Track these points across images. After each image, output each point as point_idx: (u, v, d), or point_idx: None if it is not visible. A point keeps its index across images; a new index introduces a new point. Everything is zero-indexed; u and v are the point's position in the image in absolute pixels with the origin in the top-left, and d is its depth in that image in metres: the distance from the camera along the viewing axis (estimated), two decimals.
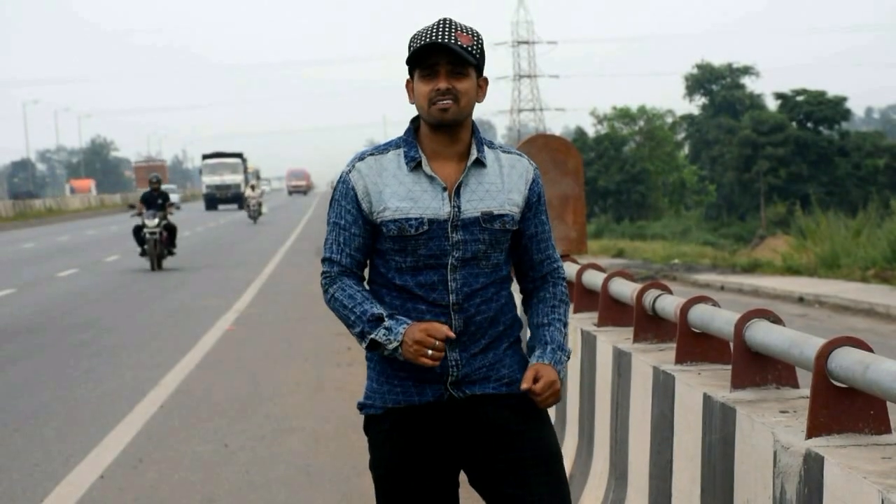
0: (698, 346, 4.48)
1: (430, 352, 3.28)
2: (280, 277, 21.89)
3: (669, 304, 4.79)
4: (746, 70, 70.51)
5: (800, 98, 58.51)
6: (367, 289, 3.44)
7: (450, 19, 3.35)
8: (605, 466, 5.33)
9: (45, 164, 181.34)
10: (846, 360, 3.13)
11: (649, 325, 5.13)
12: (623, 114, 63.73)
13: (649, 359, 4.68)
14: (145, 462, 7.58)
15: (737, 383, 3.88)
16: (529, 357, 3.45)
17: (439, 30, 3.32)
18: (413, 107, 3.42)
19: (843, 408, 3.23)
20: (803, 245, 26.28)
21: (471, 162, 3.39)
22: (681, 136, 68.79)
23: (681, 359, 4.47)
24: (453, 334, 3.33)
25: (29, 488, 7.03)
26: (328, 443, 8.01)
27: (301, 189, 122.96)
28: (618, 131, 62.76)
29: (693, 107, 70.76)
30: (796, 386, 3.89)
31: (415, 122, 3.46)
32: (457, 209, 3.36)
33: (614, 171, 59.71)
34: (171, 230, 24.28)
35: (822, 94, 58.37)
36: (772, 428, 3.35)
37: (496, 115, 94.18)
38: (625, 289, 5.57)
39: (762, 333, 3.72)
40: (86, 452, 7.87)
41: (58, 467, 7.50)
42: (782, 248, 29.61)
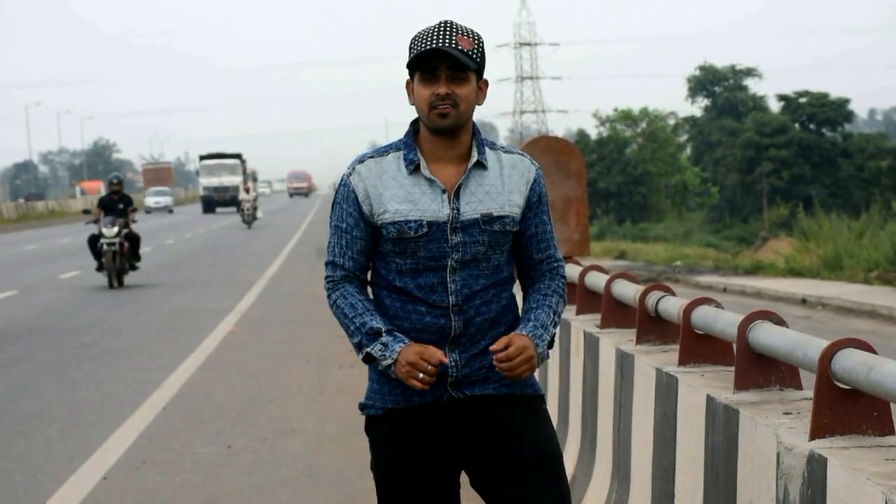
0: (701, 347, 4.47)
1: (421, 375, 3.29)
2: (282, 280, 21.89)
3: (672, 306, 4.79)
4: (749, 72, 70.48)
5: (803, 100, 58.47)
6: (369, 297, 3.44)
7: (451, 22, 3.34)
8: (607, 468, 5.32)
9: (48, 166, 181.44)
10: (850, 362, 3.13)
11: (652, 327, 5.13)
12: (625, 116, 63.71)
13: (652, 360, 4.67)
14: (148, 464, 7.58)
15: (740, 385, 3.87)
16: None
17: (440, 33, 3.31)
18: (413, 108, 3.42)
19: (847, 409, 3.22)
20: (806, 247, 26.27)
21: (471, 164, 3.39)
22: (683, 137, 68.76)
23: (684, 360, 4.47)
24: (447, 360, 3.34)
25: (31, 490, 7.03)
26: (330, 444, 8.01)
27: (302, 191, 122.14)
28: (620, 133, 62.76)
29: (696, 109, 70.77)
30: (800, 387, 3.89)
31: (414, 124, 3.46)
32: (456, 211, 3.36)
33: (616, 173, 59.69)
34: (133, 240, 21.01)
35: (825, 95, 58.34)
36: (775, 429, 3.34)
37: (498, 117, 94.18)
38: (628, 290, 5.56)
39: (765, 335, 3.72)
40: (88, 454, 7.87)
41: (60, 469, 7.50)
42: (785, 249, 29.60)
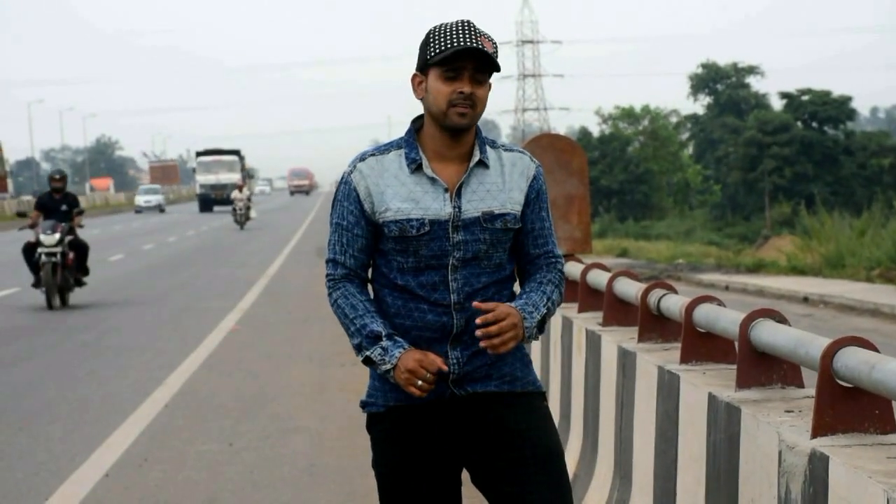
0: (703, 345, 4.47)
1: (419, 382, 3.29)
2: (283, 280, 21.87)
3: (674, 304, 4.79)
4: (751, 70, 70.47)
5: (805, 98, 58.48)
6: (370, 297, 3.44)
7: (472, 22, 3.34)
8: (609, 466, 5.32)
9: (50, 164, 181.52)
10: (851, 360, 3.13)
11: (654, 325, 5.13)
12: (627, 113, 63.72)
13: (654, 358, 4.67)
14: (150, 461, 7.58)
15: (742, 383, 3.87)
16: None
17: (468, 32, 3.31)
18: (411, 106, 3.41)
19: (849, 407, 3.22)
20: (808, 245, 26.25)
21: (473, 163, 3.39)
22: (685, 135, 68.77)
23: (686, 358, 4.47)
24: (447, 367, 3.34)
25: (34, 487, 7.03)
26: (332, 442, 8.01)
27: (304, 189, 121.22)
28: (622, 131, 62.75)
29: (698, 106, 70.78)
30: (801, 386, 3.89)
31: (415, 122, 3.45)
32: (457, 210, 3.36)
33: (618, 171, 59.69)
34: (79, 250, 17.05)
35: (827, 93, 58.33)
36: (777, 427, 3.34)
37: (500, 115, 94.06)
38: (629, 288, 5.55)
39: (767, 333, 3.72)
40: (90, 451, 7.87)
41: (63, 466, 7.50)
42: (787, 247, 29.59)
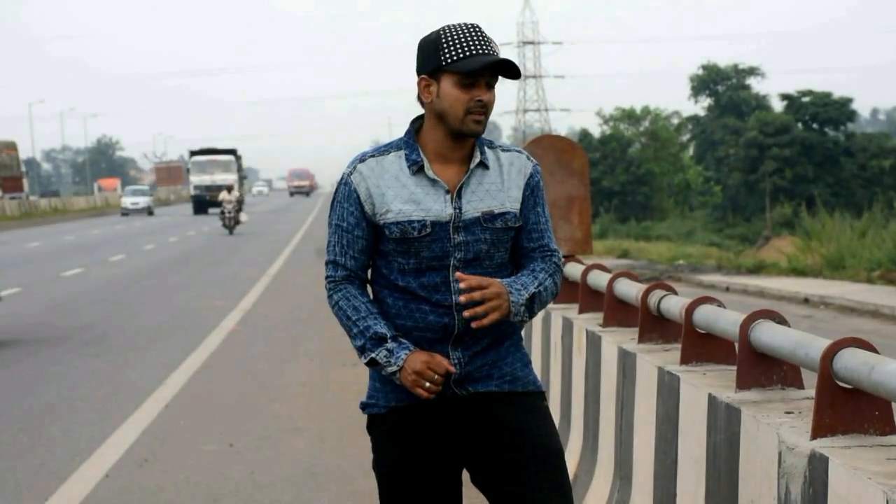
0: (703, 346, 4.48)
1: (427, 384, 3.30)
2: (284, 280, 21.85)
3: (674, 305, 4.79)
4: (752, 71, 70.46)
5: (805, 99, 58.49)
6: (371, 299, 3.43)
7: (480, 27, 3.34)
8: (609, 467, 5.33)
9: (51, 164, 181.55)
10: (851, 361, 3.13)
11: (654, 326, 5.13)
12: (628, 114, 63.70)
13: (654, 359, 4.68)
14: (151, 461, 7.59)
15: (742, 384, 3.88)
16: None
17: (484, 39, 3.31)
18: (411, 106, 3.41)
19: (849, 409, 3.22)
20: (808, 246, 26.25)
21: (474, 165, 3.40)
22: (686, 136, 68.75)
23: (686, 359, 4.47)
24: (454, 369, 3.34)
25: (34, 487, 7.04)
26: (333, 443, 8.02)
27: (304, 190, 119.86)
28: (623, 132, 62.74)
29: (698, 108, 70.78)
30: (801, 387, 3.89)
31: (414, 123, 3.45)
32: (458, 211, 3.36)
33: (619, 172, 59.69)
34: None
35: (827, 95, 58.36)
36: (777, 428, 3.35)
37: (501, 116, 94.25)
38: (630, 289, 5.56)
39: (767, 334, 3.72)
40: (91, 451, 7.88)
41: (63, 466, 7.51)
42: (788, 249, 29.61)
